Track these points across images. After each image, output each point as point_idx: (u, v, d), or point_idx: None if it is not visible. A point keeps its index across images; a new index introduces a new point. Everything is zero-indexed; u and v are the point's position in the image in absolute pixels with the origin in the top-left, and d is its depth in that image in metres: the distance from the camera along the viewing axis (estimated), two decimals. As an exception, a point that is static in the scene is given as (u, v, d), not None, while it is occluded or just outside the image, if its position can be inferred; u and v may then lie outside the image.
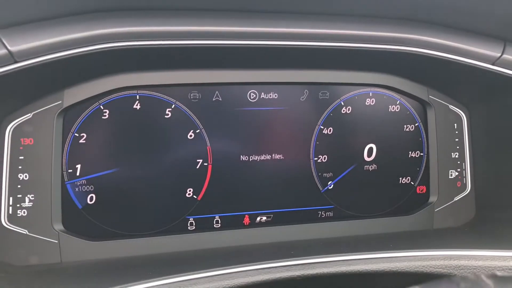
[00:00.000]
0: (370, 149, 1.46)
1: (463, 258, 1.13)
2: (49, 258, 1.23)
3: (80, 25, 1.04)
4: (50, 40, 1.02)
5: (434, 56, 1.25)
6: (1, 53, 0.99)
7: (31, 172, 1.22)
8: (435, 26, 1.24)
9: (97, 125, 1.27)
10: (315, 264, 1.11)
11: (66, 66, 1.09)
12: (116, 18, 1.06)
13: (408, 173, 1.50)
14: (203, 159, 1.35)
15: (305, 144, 1.42)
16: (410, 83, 1.47)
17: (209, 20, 1.12)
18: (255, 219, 1.40)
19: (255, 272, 1.06)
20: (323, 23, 1.18)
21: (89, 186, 1.27)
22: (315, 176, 1.43)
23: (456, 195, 1.51)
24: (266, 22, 1.15)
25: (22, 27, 1.01)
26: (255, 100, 1.38)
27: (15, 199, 1.21)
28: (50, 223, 1.23)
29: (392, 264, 1.12)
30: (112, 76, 1.26)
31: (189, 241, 1.33)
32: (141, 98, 1.30)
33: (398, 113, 1.48)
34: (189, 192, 1.34)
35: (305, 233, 1.40)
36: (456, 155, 1.51)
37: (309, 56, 1.28)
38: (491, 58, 1.25)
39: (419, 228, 1.48)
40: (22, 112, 1.20)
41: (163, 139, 1.32)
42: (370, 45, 1.23)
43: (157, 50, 1.13)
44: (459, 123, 1.51)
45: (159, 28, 1.09)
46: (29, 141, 1.21)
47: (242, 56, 1.26)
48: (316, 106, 1.42)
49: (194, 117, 1.33)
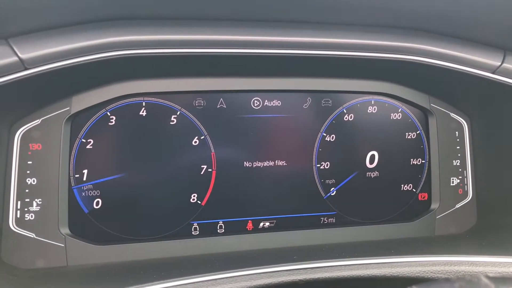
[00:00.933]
0: (372, 156, 1.48)
1: (463, 264, 1.14)
2: (55, 261, 1.25)
3: (89, 34, 1.06)
4: (59, 48, 1.05)
5: (435, 65, 1.26)
6: (12, 60, 1.01)
7: (39, 177, 1.24)
8: (436, 36, 1.26)
9: (104, 131, 1.30)
10: (317, 269, 1.12)
11: (75, 73, 1.11)
12: (123, 27, 1.09)
13: (409, 180, 1.51)
14: (207, 165, 1.37)
15: (308, 150, 1.44)
16: (412, 91, 1.48)
17: (215, 29, 1.14)
18: (258, 224, 1.41)
19: (257, 276, 1.08)
20: (326, 32, 1.20)
21: (96, 191, 1.29)
22: (318, 183, 1.45)
23: (457, 202, 1.52)
24: (270, 32, 1.17)
25: (32, 35, 1.04)
26: (259, 107, 1.40)
27: (23, 203, 1.23)
28: (57, 227, 1.25)
29: (393, 269, 1.13)
30: (119, 83, 1.28)
31: (193, 246, 1.35)
32: (147, 105, 1.32)
33: (400, 121, 1.50)
34: (193, 197, 1.36)
35: (307, 239, 1.41)
36: (457, 162, 1.52)
37: (312, 65, 1.30)
38: (491, 67, 1.27)
39: (420, 235, 1.49)
40: (31, 118, 1.23)
41: (168, 145, 1.34)
42: (373, 54, 1.24)
43: (163, 58, 1.16)
44: (461, 131, 1.52)
45: (165, 36, 1.11)
46: (37, 147, 1.24)
47: (247, 64, 1.28)
48: (319, 114, 1.44)
49: (198, 124, 1.35)
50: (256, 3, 1.10)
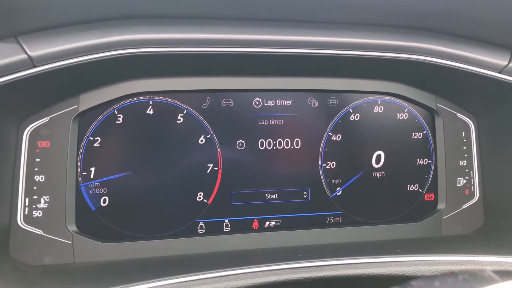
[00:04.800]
0: (378, 156, 1.47)
1: (470, 263, 1.14)
2: (62, 258, 1.26)
3: (97, 32, 1.08)
4: (68, 46, 1.06)
5: (442, 64, 1.27)
6: (21, 58, 1.03)
7: (47, 174, 1.25)
8: (443, 35, 1.26)
9: (111, 129, 1.31)
10: (322, 267, 1.12)
11: (83, 71, 1.13)
12: (131, 26, 1.10)
13: (416, 180, 1.51)
14: (213, 163, 1.37)
15: (314, 150, 1.44)
16: (418, 91, 1.48)
17: (223, 28, 1.15)
18: (264, 223, 1.41)
19: (262, 274, 1.08)
20: (334, 32, 1.21)
21: (103, 188, 1.30)
22: (324, 182, 1.45)
23: (464, 203, 1.52)
24: (277, 31, 1.18)
25: (41, 33, 1.05)
26: (265, 106, 1.40)
27: (31, 200, 1.24)
28: (64, 224, 1.26)
29: (399, 268, 1.12)
30: (127, 82, 1.30)
31: (198, 244, 1.35)
32: (154, 104, 1.33)
33: (406, 121, 1.49)
34: (199, 196, 1.37)
35: (313, 238, 1.42)
36: (464, 163, 1.52)
37: (319, 64, 1.31)
38: (498, 66, 1.26)
39: (427, 235, 1.49)
40: (39, 115, 1.24)
41: (175, 143, 1.35)
42: (379, 54, 1.25)
43: (171, 57, 1.17)
44: (467, 131, 1.52)
45: (172, 35, 1.12)
46: (45, 144, 1.25)
47: (253, 63, 1.28)
48: (325, 113, 1.45)
49: (205, 123, 1.36)
50: (263, 2, 1.10)
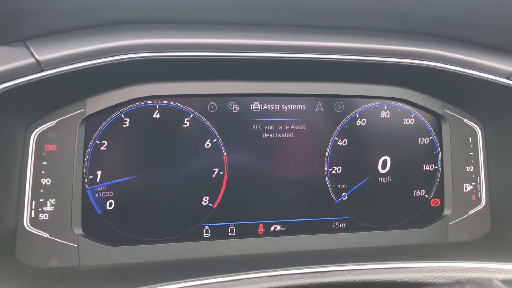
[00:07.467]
0: (384, 161, 1.47)
1: (476, 270, 1.13)
2: (68, 261, 1.26)
3: (104, 36, 1.08)
4: (75, 50, 1.07)
5: (448, 70, 1.27)
6: (29, 62, 1.04)
7: (54, 177, 1.26)
8: (450, 41, 1.26)
9: (117, 133, 1.31)
10: (328, 273, 1.12)
11: (90, 75, 1.13)
12: (138, 30, 1.11)
13: (422, 186, 1.50)
14: (219, 168, 1.37)
15: (320, 155, 1.44)
16: (425, 97, 1.48)
17: (231, 33, 1.16)
18: (269, 228, 1.41)
19: (268, 279, 1.08)
20: (341, 37, 1.22)
21: (109, 192, 1.31)
22: (330, 187, 1.44)
23: (470, 209, 1.51)
24: (285, 36, 1.19)
25: (49, 37, 1.06)
26: (272, 111, 1.40)
27: (38, 203, 1.25)
28: (70, 227, 1.27)
29: (405, 274, 1.12)
30: (133, 86, 1.30)
31: (204, 248, 1.35)
32: (161, 108, 1.33)
33: (413, 126, 1.49)
34: (205, 200, 1.37)
35: (318, 243, 1.41)
36: (470, 168, 1.51)
37: (326, 69, 1.31)
38: (505, 72, 1.26)
39: (433, 241, 1.48)
40: (46, 119, 1.25)
41: (181, 147, 1.35)
42: (386, 59, 1.25)
43: (177, 62, 1.17)
44: (474, 137, 1.51)
45: (179, 40, 1.13)
46: (52, 147, 1.25)
47: (259, 68, 1.28)
48: (331, 118, 1.44)
49: (211, 127, 1.36)
50: (270, 9, 1.11)
